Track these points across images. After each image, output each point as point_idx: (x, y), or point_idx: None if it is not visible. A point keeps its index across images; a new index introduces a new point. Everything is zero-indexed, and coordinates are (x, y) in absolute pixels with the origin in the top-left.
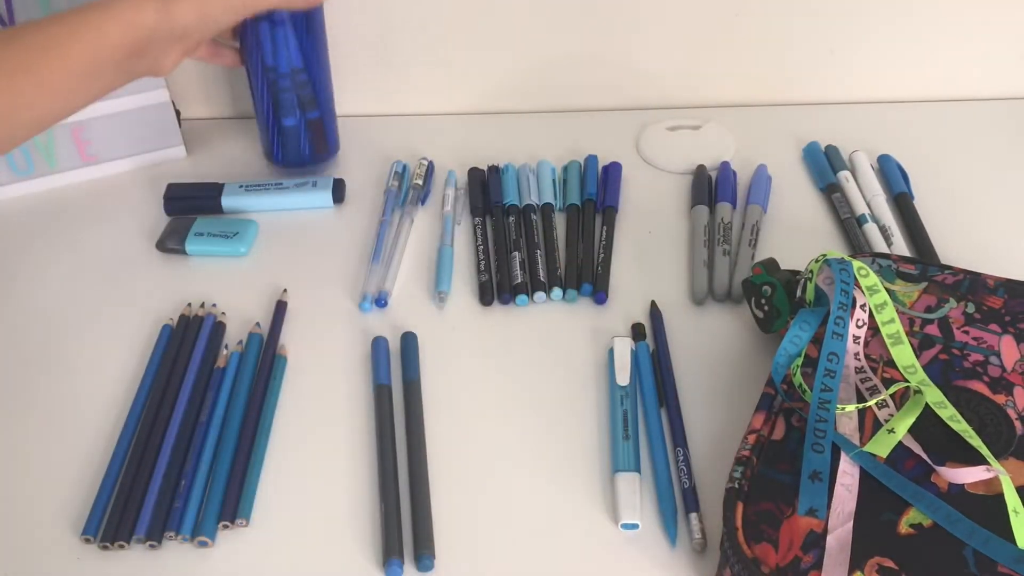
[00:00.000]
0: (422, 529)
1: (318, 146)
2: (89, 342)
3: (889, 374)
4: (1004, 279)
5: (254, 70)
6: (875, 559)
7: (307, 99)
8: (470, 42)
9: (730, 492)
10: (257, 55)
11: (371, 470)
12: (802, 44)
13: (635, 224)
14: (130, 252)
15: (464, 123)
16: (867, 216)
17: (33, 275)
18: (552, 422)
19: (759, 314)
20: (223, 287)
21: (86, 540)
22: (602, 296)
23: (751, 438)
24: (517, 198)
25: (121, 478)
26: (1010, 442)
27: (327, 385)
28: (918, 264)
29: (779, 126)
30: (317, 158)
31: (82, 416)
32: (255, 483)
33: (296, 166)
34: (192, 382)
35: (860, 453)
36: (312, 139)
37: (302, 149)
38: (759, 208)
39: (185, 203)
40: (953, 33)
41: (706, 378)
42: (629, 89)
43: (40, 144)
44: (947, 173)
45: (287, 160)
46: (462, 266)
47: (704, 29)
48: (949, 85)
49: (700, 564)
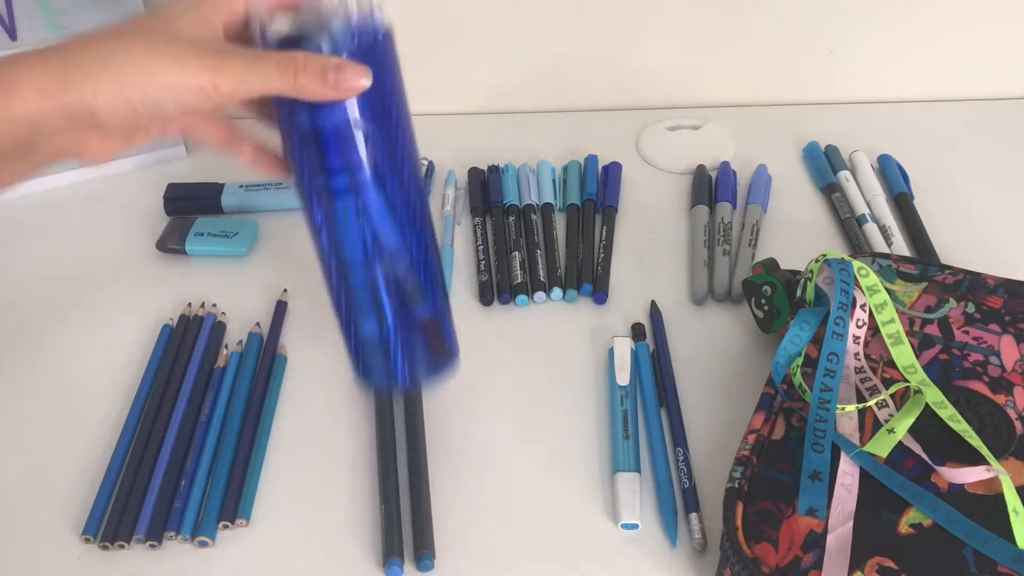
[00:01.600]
0: (422, 529)
1: (436, 352)
2: (89, 342)
3: (889, 374)
4: (1004, 279)
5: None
6: (875, 559)
7: (411, 293)
8: (470, 42)
9: (730, 492)
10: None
11: (371, 470)
12: (802, 44)
13: (635, 224)
14: (130, 252)
15: (464, 123)
16: (867, 216)
17: (33, 275)
18: (552, 422)
19: (759, 314)
20: (223, 287)
21: (86, 540)
22: (602, 296)
23: (751, 438)
24: (517, 198)
25: (121, 478)
26: (1010, 442)
27: (327, 385)
28: (918, 264)
29: (779, 126)
30: (431, 371)
31: (82, 416)
32: (255, 483)
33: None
34: (192, 382)
35: (860, 453)
36: (422, 346)
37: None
38: (759, 208)
39: (185, 203)
40: (953, 33)
41: (706, 378)
42: (629, 89)
43: None
44: (947, 173)
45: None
46: (462, 266)
47: (704, 29)
48: (949, 85)
49: (700, 564)
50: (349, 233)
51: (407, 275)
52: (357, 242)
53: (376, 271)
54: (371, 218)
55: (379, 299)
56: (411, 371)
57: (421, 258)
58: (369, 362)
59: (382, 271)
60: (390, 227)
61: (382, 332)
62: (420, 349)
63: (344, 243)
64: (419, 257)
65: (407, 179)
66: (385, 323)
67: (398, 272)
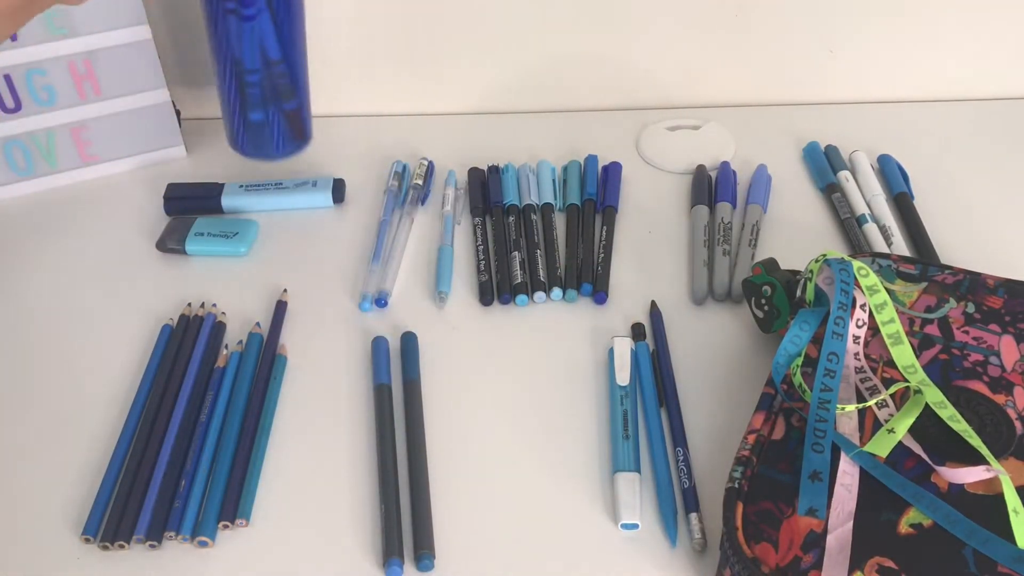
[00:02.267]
0: (422, 529)
1: (294, 136)
2: (89, 342)
3: (889, 374)
4: (1004, 279)
5: (220, 62)
6: (875, 559)
7: (284, 90)
8: (470, 42)
9: (730, 492)
10: (225, 48)
11: (371, 470)
12: (802, 44)
13: (635, 224)
14: (130, 252)
15: (464, 123)
16: (867, 216)
17: (33, 275)
18: (552, 422)
19: (759, 314)
20: (223, 287)
21: (86, 540)
22: (602, 296)
23: (751, 438)
24: (517, 198)
25: (121, 478)
26: (1010, 442)
27: (327, 385)
28: (918, 264)
29: (779, 126)
30: (289, 149)
31: (82, 416)
32: (255, 483)
33: (264, 158)
34: (192, 382)
35: (860, 453)
36: (287, 130)
37: (275, 141)
38: (759, 208)
39: (185, 203)
40: (953, 33)
41: (706, 378)
42: (629, 89)
43: (40, 144)
44: (947, 173)
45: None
46: (462, 266)
47: (704, 29)
48: (949, 85)
49: (700, 564)
50: (250, 46)
51: (282, 77)
52: (257, 53)
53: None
54: (263, 35)
55: (267, 96)
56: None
57: (296, 66)
58: (251, 138)
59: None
60: (275, 43)
61: (267, 117)
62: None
63: (244, 54)
64: (295, 65)
65: (293, 7)
66: (268, 110)
67: (277, 75)
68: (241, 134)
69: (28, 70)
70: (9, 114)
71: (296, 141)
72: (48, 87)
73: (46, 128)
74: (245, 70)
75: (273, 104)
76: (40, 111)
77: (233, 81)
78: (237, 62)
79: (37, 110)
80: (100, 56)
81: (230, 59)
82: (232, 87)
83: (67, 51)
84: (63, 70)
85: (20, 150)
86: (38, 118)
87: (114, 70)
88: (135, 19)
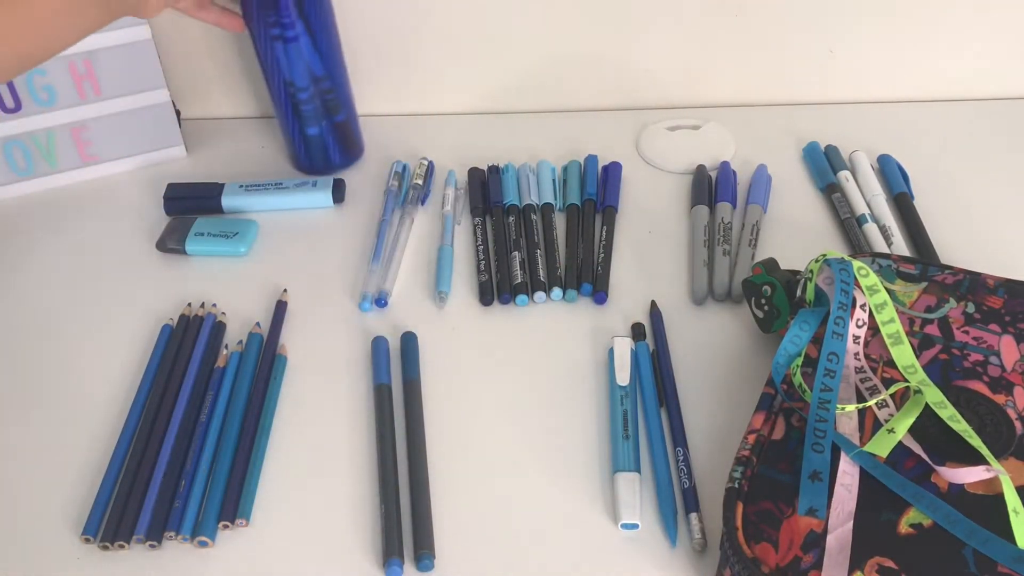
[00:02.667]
0: (422, 529)
1: (348, 148)
2: (89, 342)
3: (889, 374)
4: (1004, 279)
5: (274, 86)
6: (875, 559)
7: (332, 104)
8: (470, 42)
9: (730, 492)
10: (276, 72)
11: (371, 470)
12: (802, 44)
13: (635, 224)
14: (130, 252)
15: (464, 123)
16: (867, 216)
17: (33, 275)
18: (552, 422)
19: (759, 314)
20: (223, 287)
21: (86, 540)
22: (602, 296)
23: (751, 438)
24: (517, 198)
25: (121, 478)
26: (1010, 442)
27: (327, 385)
28: (918, 264)
29: (779, 126)
30: (346, 160)
31: (82, 416)
32: (255, 483)
33: (325, 172)
34: (192, 382)
35: (860, 453)
36: (341, 142)
37: (331, 154)
38: (759, 208)
39: (185, 203)
40: (953, 33)
41: (706, 378)
42: (629, 89)
43: (40, 144)
44: (947, 173)
45: (314, 167)
46: (462, 266)
47: (703, 29)
48: (949, 85)
49: (700, 564)
50: (297, 66)
51: (329, 92)
52: (304, 71)
53: (315, 90)
54: (304, 55)
55: (319, 111)
56: (341, 157)
57: (340, 81)
58: (311, 153)
59: (318, 91)
60: (317, 59)
61: (321, 132)
62: (341, 143)
63: (295, 74)
64: (338, 81)
65: (330, 28)
66: (322, 125)
67: (324, 90)
68: (302, 151)
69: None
70: (9, 114)
71: (351, 152)
72: (48, 87)
73: (46, 128)
74: (297, 89)
75: (325, 119)
76: (40, 111)
77: (287, 101)
78: (288, 83)
79: (37, 110)
80: (100, 56)
81: (282, 81)
82: (288, 107)
83: (67, 51)
84: (63, 70)
85: (20, 150)
86: (38, 118)
87: (114, 70)
88: (135, 19)
